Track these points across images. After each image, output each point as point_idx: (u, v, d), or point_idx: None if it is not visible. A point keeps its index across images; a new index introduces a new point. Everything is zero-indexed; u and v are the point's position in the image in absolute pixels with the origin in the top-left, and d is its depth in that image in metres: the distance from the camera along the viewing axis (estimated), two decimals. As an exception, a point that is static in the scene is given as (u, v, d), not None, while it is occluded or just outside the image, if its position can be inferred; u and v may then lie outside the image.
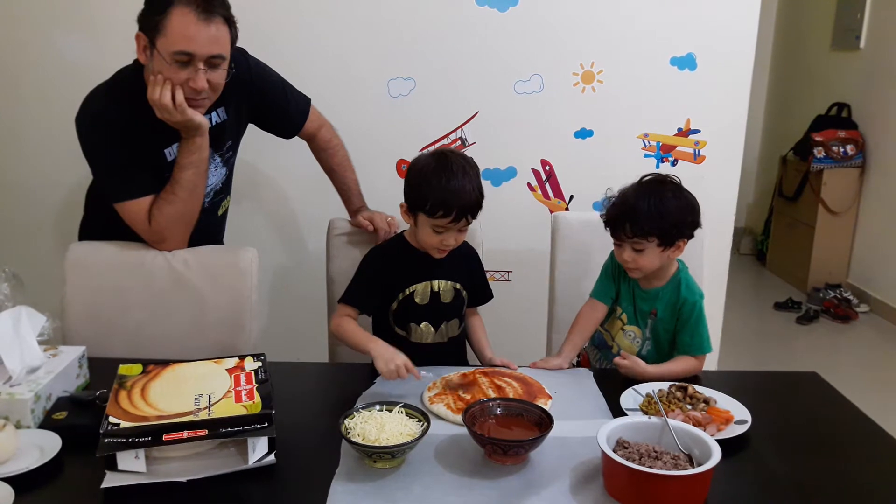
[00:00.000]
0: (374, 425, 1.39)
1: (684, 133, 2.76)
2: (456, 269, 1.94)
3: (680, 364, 1.81)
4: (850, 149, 4.83)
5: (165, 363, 1.55)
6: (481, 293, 2.03)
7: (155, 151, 1.94)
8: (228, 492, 1.30)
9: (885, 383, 3.72)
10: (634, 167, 2.75)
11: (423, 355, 1.81)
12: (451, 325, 1.96)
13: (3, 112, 2.78)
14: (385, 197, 2.12)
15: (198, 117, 1.86)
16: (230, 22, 1.82)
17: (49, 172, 2.79)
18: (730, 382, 1.75)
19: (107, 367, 1.60)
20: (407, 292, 1.90)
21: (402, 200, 1.85)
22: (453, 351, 1.98)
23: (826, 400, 1.72)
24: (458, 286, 1.94)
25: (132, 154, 1.89)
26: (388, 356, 1.67)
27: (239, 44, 1.90)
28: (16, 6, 2.67)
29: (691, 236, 1.83)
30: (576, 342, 1.95)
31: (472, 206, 1.78)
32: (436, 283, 1.91)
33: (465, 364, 1.97)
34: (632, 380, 1.72)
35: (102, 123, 1.89)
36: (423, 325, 1.93)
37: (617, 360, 1.80)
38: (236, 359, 1.58)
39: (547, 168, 2.80)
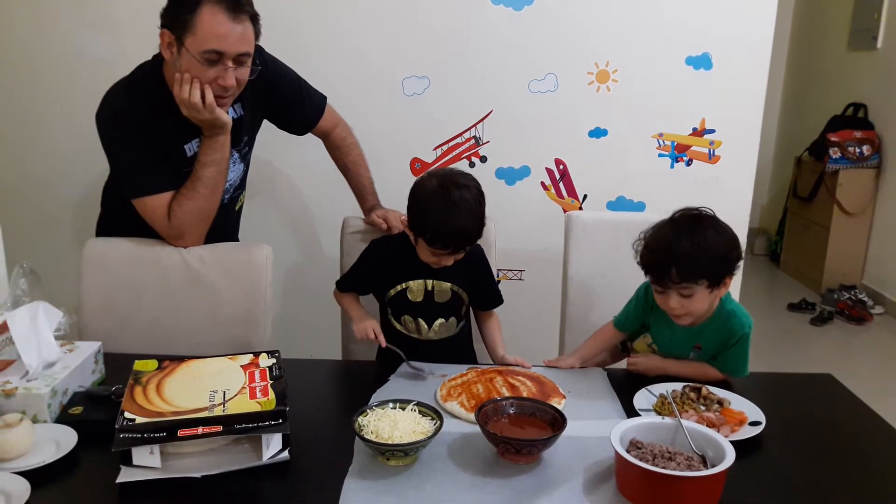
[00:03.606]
0: (387, 423, 1.39)
1: (699, 133, 2.75)
2: (457, 272, 1.92)
3: (701, 370, 1.77)
4: (865, 149, 4.80)
5: (181, 359, 1.56)
6: (489, 298, 2.02)
7: (175, 147, 1.95)
8: (242, 488, 1.31)
9: (899, 385, 3.70)
10: (649, 167, 2.77)
11: (419, 351, 1.82)
12: (448, 324, 1.96)
13: (22, 108, 2.81)
14: (399, 195, 2.12)
15: (224, 116, 1.87)
16: (255, 19, 1.84)
17: (67, 169, 2.82)
18: (743, 384, 1.74)
19: (122, 363, 1.61)
20: (400, 287, 1.91)
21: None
22: (451, 350, 1.96)
23: (840, 402, 1.71)
24: (455, 288, 1.93)
25: (152, 150, 1.91)
26: (360, 316, 1.92)
27: (255, 41, 1.91)
28: (35, 3, 2.69)
29: (735, 271, 1.71)
30: (592, 349, 1.93)
31: (470, 239, 1.81)
32: (430, 282, 1.91)
33: (474, 363, 1.97)
34: (645, 380, 1.71)
35: (123, 119, 1.90)
36: (417, 320, 1.93)
37: (630, 359, 1.79)
38: (251, 355, 1.59)
39: (561, 167, 2.79)
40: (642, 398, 1.61)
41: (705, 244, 1.64)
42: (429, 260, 1.86)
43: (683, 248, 1.63)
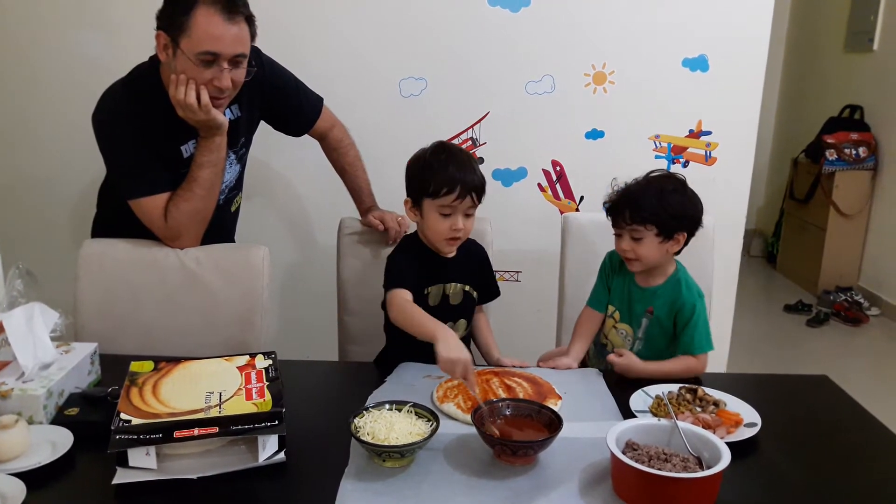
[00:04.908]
0: (383, 424, 1.39)
1: (696, 135, 2.75)
2: (466, 271, 1.94)
3: (678, 363, 1.80)
4: (862, 151, 4.80)
5: (177, 360, 1.56)
6: (488, 290, 2.03)
7: (171, 148, 1.95)
8: (238, 489, 1.31)
9: (895, 387, 3.70)
10: (645, 168, 2.73)
11: (428, 353, 1.82)
12: (458, 325, 1.96)
13: (19, 108, 2.80)
14: (396, 196, 2.12)
15: (220, 117, 1.87)
16: (250, 20, 1.84)
17: (64, 169, 2.81)
18: (739, 385, 1.74)
19: (119, 364, 1.60)
20: (424, 292, 1.89)
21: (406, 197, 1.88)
22: None
23: (836, 403, 1.72)
24: (467, 288, 1.94)
25: (149, 151, 1.91)
26: (453, 344, 1.56)
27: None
28: (33, 3, 2.68)
29: (691, 233, 1.84)
30: (582, 344, 1.96)
31: (475, 185, 1.80)
32: (447, 285, 1.91)
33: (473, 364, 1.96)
34: (641, 381, 1.71)
35: (120, 120, 1.90)
36: None
37: (611, 357, 1.80)
38: (247, 357, 1.58)
39: (557, 169, 2.80)
40: (638, 399, 1.62)
41: (663, 196, 1.79)
42: (439, 228, 1.81)
43: (640, 193, 1.81)
